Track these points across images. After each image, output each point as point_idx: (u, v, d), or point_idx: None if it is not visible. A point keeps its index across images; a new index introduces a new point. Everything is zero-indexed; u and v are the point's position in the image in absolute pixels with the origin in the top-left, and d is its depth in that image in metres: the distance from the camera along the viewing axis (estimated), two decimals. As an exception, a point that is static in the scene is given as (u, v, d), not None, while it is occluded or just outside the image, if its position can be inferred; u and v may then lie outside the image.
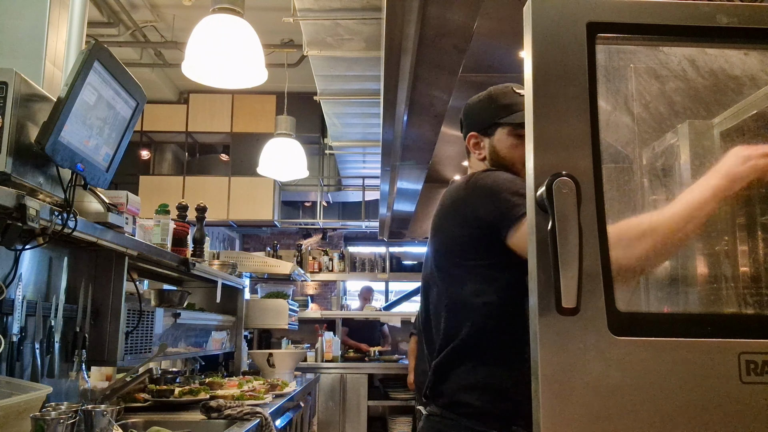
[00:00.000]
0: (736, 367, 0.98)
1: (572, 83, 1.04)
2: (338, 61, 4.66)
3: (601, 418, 0.97)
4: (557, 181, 0.98)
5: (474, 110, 1.59)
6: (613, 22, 1.07)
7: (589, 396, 0.97)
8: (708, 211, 1.08)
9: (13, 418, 1.35)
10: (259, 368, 4.14)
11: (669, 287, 1.20)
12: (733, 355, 0.98)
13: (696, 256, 1.18)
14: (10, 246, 1.51)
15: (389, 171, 5.39)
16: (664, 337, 1.00)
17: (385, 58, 3.36)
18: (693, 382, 0.98)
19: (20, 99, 1.49)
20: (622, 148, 1.18)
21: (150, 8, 6.61)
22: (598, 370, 0.98)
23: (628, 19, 1.07)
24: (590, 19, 1.06)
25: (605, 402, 0.97)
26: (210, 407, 2.45)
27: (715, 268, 1.17)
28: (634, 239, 1.06)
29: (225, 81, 2.86)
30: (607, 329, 0.99)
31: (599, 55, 1.06)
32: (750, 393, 0.97)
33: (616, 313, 1.00)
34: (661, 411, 0.97)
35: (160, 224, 2.57)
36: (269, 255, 6.81)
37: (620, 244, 1.03)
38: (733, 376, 0.97)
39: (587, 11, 1.06)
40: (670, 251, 1.13)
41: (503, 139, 1.51)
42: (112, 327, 1.99)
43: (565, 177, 0.98)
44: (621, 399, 0.97)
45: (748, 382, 0.97)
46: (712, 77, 1.20)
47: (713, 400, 0.97)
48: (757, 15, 1.07)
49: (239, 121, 8.93)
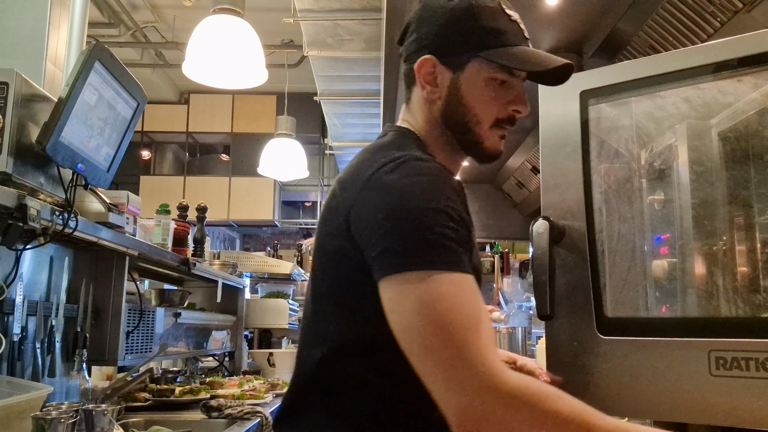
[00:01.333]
0: (706, 362, 1.12)
1: (569, 142, 1.34)
2: (338, 62, 4.66)
3: (592, 398, 1.15)
4: (536, 224, 1.27)
5: (439, 22, 1.02)
6: (601, 86, 1.33)
7: (581, 381, 1.24)
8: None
9: (14, 417, 1.35)
10: (259, 368, 4.14)
11: (653, 294, 1.31)
12: (703, 351, 1.13)
13: (673, 266, 1.34)
14: (11, 246, 1.51)
15: (389, 171, 5.39)
16: (643, 336, 1.20)
17: (385, 58, 3.36)
18: (668, 373, 1.16)
19: (21, 99, 1.50)
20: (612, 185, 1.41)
21: (151, 9, 6.62)
22: (588, 362, 1.24)
23: (613, 81, 1.33)
24: (583, 88, 1.34)
25: (594, 385, 1.23)
26: (210, 407, 2.45)
27: (689, 277, 1.32)
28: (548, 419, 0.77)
29: (225, 81, 2.86)
30: (595, 330, 1.24)
31: (592, 113, 1.34)
32: (718, 385, 1.11)
33: (604, 318, 1.24)
34: (640, 396, 1.19)
35: (160, 224, 2.57)
36: (269, 255, 6.80)
37: (532, 407, 0.77)
38: (704, 370, 1.12)
39: (581, 83, 1.33)
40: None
41: (477, 81, 1.01)
42: (112, 327, 1.99)
43: (542, 219, 1.28)
44: (606, 384, 1.22)
45: (717, 375, 1.11)
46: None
47: (686, 389, 1.14)
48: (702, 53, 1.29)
49: (240, 122, 8.94)
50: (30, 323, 1.73)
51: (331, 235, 0.96)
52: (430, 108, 1.04)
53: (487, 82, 1.01)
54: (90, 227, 1.77)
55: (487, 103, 1.01)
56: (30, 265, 1.76)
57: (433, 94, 1.03)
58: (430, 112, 1.05)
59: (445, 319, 0.79)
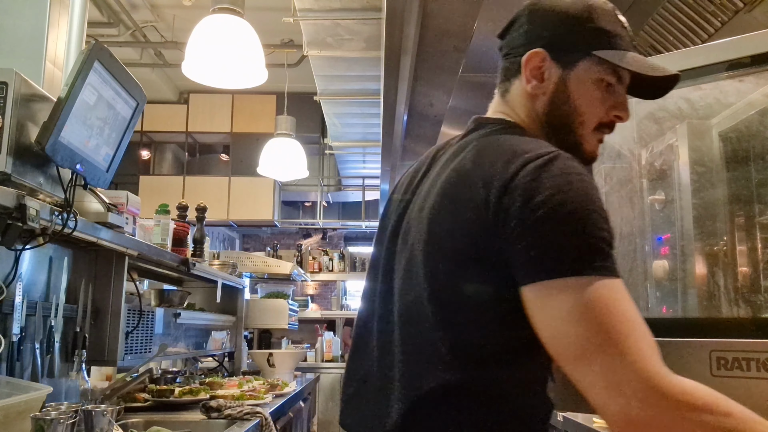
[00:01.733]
0: (707, 363, 1.13)
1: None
2: (338, 61, 4.66)
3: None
4: None
5: (554, 18, 1.01)
6: None
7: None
8: None
9: (13, 418, 1.35)
10: (259, 368, 4.14)
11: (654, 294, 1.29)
12: (704, 352, 1.14)
13: (674, 266, 1.33)
14: (11, 246, 1.51)
15: (389, 171, 5.40)
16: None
17: (385, 58, 3.36)
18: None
19: (20, 99, 1.49)
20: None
21: (150, 8, 6.61)
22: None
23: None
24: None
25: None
26: (210, 407, 2.45)
27: (690, 277, 1.31)
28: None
29: (225, 81, 2.86)
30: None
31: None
32: (719, 385, 1.11)
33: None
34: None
35: (160, 224, 2.57)
36: (269, 255, 6.81)
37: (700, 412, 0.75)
38: (705, 370, 1.13)
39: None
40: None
41: (586, 80, 0.98)
42: (112, 327, 1.99)
43: None
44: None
45: (718, 375, 1.12)
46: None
47: None
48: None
49: (239, 121, 8.93)
50: (29, 323, 1.72)
51: (462, 233, 0.88)
52: (533, 103, 1.01)
53: (596, 83, 0.99)
54: (89, 227, 1.77)
55: (593, 104, 0.99)
56: (29, 265, 1.76)
57: (538, 89, 1.00)
58: (532, 107, 1.02)
59: (607, 325, 0.77)
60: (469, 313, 0.88)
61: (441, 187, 0.94)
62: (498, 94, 1.08)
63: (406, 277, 0.96)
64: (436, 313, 0.89)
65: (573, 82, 0.99)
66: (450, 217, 0.90)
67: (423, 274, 0.91)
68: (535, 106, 1.01)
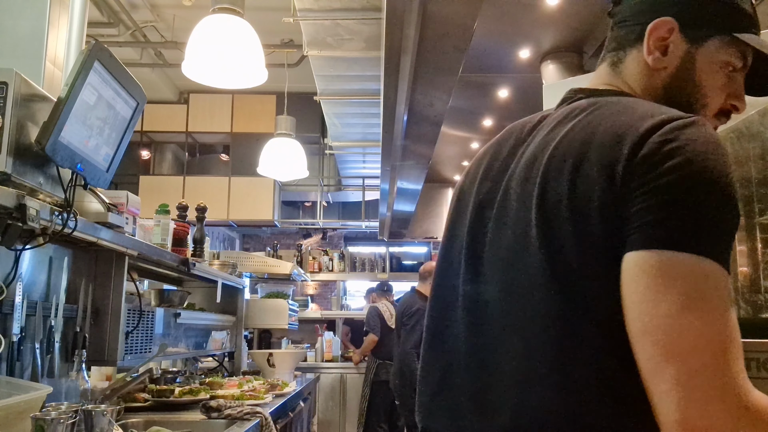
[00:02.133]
0: None
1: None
2: (338, 61, 4.66)
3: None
4: None
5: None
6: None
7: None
8: None
9: (13, 418, 1.35)
10: (259, 368, 4.14)
11: None
12: None
13: None
14: (11, 246, 1.51)
15: (389, 171, 5.40)
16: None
17: (385, 58, 3.36)
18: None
19: (20, 99, 1.49)
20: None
21: (150, 8, 6.61)
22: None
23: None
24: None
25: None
26: (210, 407, 2.45)
27: None
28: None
29: (225, 81, 2.86)
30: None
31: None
32: None
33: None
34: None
35: (160, 224, 2.57)
36: (269, 255, 6.81)
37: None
38: None
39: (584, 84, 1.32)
40: None
41: (715, 61, 0.90)
42: (112, 327, 1.99)
43: None
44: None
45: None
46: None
47: None
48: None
49: (239, 121, 8.93)
50: (29, 323, 1.73)
51: (586, 195, 0.77)
52: (652, 77, 0.92)
53: (723, 65, 0.90)
54: (89, 227, 1.77)
55: (718, 87, 0.90)
56: (29, 265, 1.76)
57: (660, 63, 0.91)
58: (650, 80, 0.92)
59: (719, 326, 0.68)
60: (596, 282, 0.76)
61: (555, 152, 0.83)
62: (606, 64, 0.97)
63: (511, 250, 0.85)
64: (555, 284, 0.78)
65: (701, 61, 0.90)
66: (571, 180, 0.79)
67: (537, 245, 0.81)
68: (654, 81, 0.92)
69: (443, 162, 6.80)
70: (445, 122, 4.35)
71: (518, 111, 5.07)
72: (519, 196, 0.87)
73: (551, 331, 0.78)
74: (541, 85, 4.04)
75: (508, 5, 3.41)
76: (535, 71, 4.08)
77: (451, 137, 5.85)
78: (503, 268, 0.86)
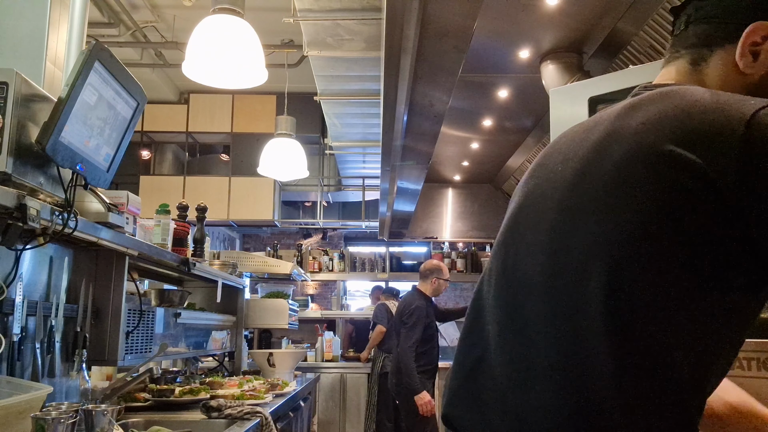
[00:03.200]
0: None
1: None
2: (338, 62, 4.66)
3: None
4: None
5: None
6: (608, 92, 1.45)
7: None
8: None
9: (13, 417, 1.35)
10: (259, 368, 4.14)
11: None
12: None
13: None
14: (11, 246, 1.51)
15: (389, 171, 5.39)
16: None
17: (385, 59, 3.36)
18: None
19: (21, 99, 1.49)
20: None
21: (150, 8, 6.61)
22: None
23: (620, 86, 1.43)
24: (591, 94, 1.49)
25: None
26: (210, 407, 2.45)
27: None
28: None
29: (225, 81, 2.86)
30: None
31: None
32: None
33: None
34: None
35: (160, 224, 2.57)
36: (269, 255, 6.82)
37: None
38: None
39: (588, 89, 1.47)
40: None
41: None
42: (112, 327, 1.99)
43: None
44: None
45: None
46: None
47: None
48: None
49: (239, 121, 8.93)
50: (30, 323, 1.73)
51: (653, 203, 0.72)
52: (736, 80, 0.87)
53: None
54: (90, 227, 1.77)
55: None
56: (30, 265, 1.76)
57: (748, 68, 0.86)
58: (733, 84, 0.87)
59: None
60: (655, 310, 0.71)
61: (610, 148, 0.79)
62: (686, 61, 0.91)
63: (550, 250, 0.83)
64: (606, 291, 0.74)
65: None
66: (628, 182, 0.74)
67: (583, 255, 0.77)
68: (736, 85, 0.87)
69: (443, 162, 6.79)
70: (445, 122, 4.35)
71: (518, 111, 5.06)
72: (564, 201, 0.84)
73: (568, 331, 0.76)
74: (541, 85, 4.05)
75: (508, 5, 3.41)
76: (534, 71, 4.07)
77: (451, 137, 5.85)
78: (551, 268, 0.83)
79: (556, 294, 0.80)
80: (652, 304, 0.71)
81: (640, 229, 0.73)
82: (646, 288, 0.72)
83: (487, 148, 6.18)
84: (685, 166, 0.70)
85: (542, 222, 0.86)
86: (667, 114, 0.76)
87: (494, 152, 6.25)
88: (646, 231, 0.72)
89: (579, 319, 0.76)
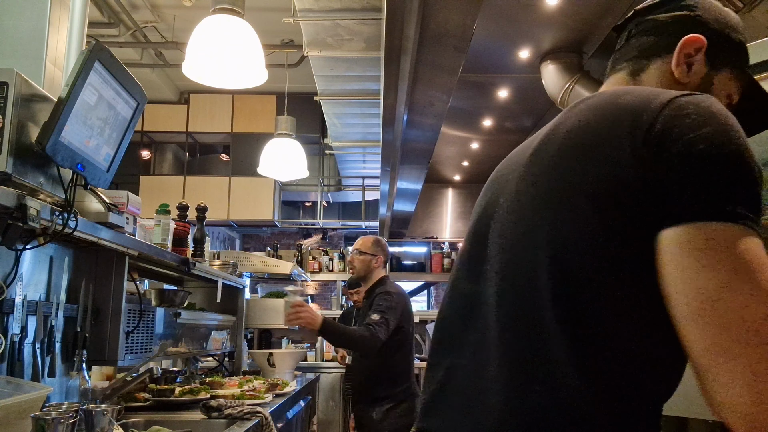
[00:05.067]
0: None
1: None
2: (338, 62, 4.66)
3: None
4: None
5: (722, 16, 0.95)
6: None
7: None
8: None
9: (13, 417, 1.35)
10: (259, 368, 4.14)
11: None
12: None
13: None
14: (11, 246, 1.51)
15: (389, 171, 5.39)
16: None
17: (385, 59, 3.36)
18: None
19: (21, 99, 1.49)
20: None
21: (150, 9, 6.62)
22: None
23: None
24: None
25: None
26: (210, 407, 2.45)
27: None
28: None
29: (225, 81, 2.86)
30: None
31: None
32: None
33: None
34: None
35: (160, 224, 2.57)
36: (269, 255, 6.81)
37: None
38: None
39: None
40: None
41: (723, 90, 0.93)
42: (112, 327, 1.99)
43: None
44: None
45: None
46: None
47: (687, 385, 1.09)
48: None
49: (239, 121, 8.94)
50: (30, 323, 1.73)
51: (594, 177, 0.76)
52: (671, 88, 0.88)
53: (727, 96, 0.94)
54: (90, 227, 1.77)
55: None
56: (30, 265, 1.76)
57: (684, 78, 0.92)
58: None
59: (763, 296, 0.65)
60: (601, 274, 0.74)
61: (558, 144, 0.84)
62: (625, 72, 0.97)
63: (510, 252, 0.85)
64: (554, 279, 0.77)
65: (716, 86, 0.92)
66: (577, 164, 0.79)
67: (539, 237, 0.80)
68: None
69: (443, 162, 6.79)
70: (445, 122, 4.35)
71: (518, 111, 5.07)
72: (522, 196, 0.87)
73: (535, 331, 0.78)
74: (541, 86, 4.05)
75: (508, 5, 3.41)
76: (534, 71, 4.08)
77: (451, 137, 5.85)
78: (502, 269, 0.87)
79: (510, 299, 0.83)
80: (594, 282, 0.74)
81: (576, 212, 0.77)
82: (588, 269, 0.75)
83: (487, 148, 6.18)
84: (616, 144, 0.76)
85: (495, 226, 0.91)
86: (597, 105, 0.84)
87: (494, 152, 6.25)
88: (582, 214, 0.76)
89: (534, 311, 0.78)
